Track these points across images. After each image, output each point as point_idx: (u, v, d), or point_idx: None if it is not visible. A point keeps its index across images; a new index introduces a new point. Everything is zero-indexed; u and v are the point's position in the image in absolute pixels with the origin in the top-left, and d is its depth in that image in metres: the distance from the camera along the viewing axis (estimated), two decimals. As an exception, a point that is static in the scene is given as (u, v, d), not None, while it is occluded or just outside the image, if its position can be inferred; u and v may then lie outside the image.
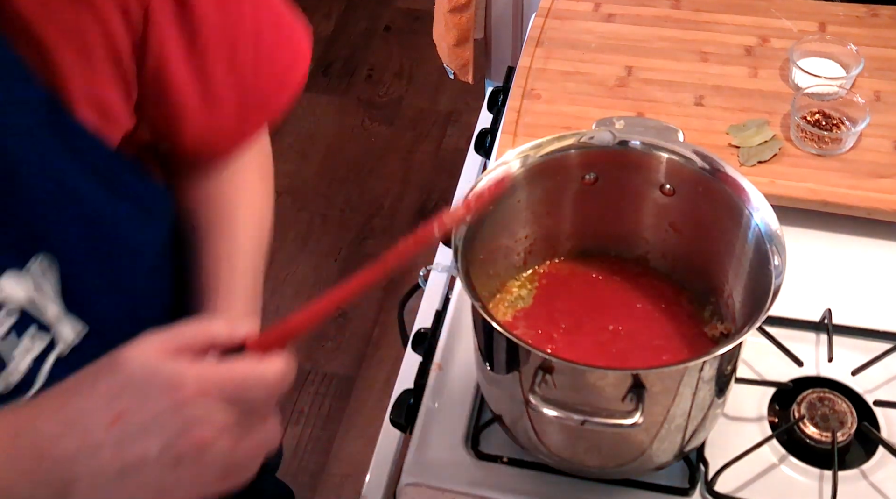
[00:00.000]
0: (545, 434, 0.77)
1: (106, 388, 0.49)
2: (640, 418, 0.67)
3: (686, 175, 0.82)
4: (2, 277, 0.57)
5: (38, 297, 0.60)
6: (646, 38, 1.26)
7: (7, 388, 0.58)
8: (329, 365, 2.04)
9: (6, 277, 0.57)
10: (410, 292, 1.05)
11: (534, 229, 0.88)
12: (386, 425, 0.92)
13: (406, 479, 0.84)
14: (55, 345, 0.61)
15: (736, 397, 0.87)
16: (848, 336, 0.93)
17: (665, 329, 0.85)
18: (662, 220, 0.87)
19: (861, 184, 1.04)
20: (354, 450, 1.89)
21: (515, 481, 0.83)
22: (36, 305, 0.60)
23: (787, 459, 0.84)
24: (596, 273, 0.90)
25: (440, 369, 0.92)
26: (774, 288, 0.71)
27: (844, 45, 1.17)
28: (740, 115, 1.13)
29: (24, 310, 0.59)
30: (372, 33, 2.91)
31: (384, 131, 2.59)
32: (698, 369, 0.69)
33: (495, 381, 0.78)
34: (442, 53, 1.83)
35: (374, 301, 2.14)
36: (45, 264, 0.60)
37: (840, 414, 0.85)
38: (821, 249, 1.03)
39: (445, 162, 2.48)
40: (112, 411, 0.48)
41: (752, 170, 1.06)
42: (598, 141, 0.83)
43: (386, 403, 0.92)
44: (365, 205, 2.38)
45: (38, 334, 0.60)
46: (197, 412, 0.48)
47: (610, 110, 1.14)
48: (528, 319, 0.86)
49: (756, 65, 1.21)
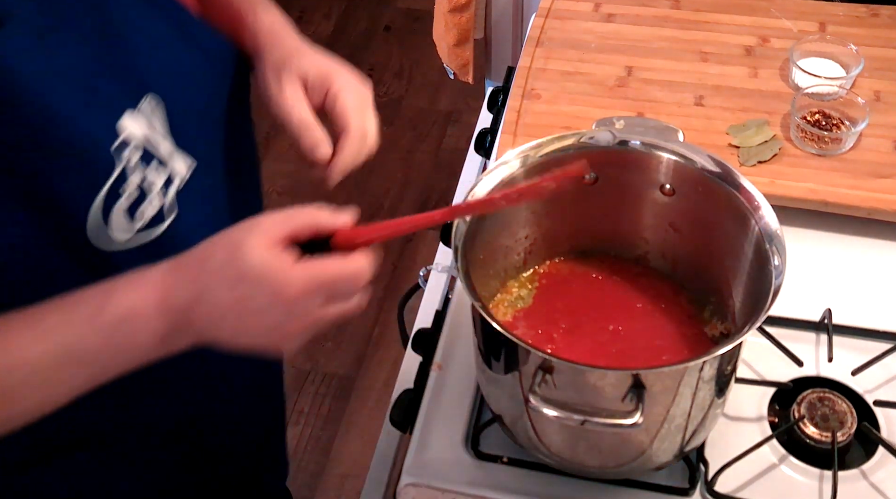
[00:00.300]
0: (545, 434, 0.77)
1: (229, 274, 0.60)
2: (640, 418, 0.67)
3: (686, 175, 0.82)
4: (122, 117, 0.65)
5: (152, 134, 0.67)
6: (646, 38, 1.26)
7: (145, 222, 0.67)
8: (329, 365, 2.04)
9: (125, 117, 0.65)
10: (410, 292, 1.05)
11: (534, 229, 0.88)
12: (386, 425, 0.92)
13: (406, 479, 0.84)
14: (173, 179, 0.69)
15: (736, 397, 0.87)
16: (848, 336, 0.93)
17: (665, 329, 0.85)
18: (662, 220, 0.87)
19: (861, 184, 1.04)
20: (354, 450, 1.89)
21: (515, 481, 0.83)
22: (152, 141, 0.67)
23: (787, 459, 0.84)
24: (596, 273, 0.90)
25: (440, 369, 0.92)
26: (774, 288, 0.71)
27: (844, 45, 1.17)
28: (740, 115, 1.13)
29: (145, 146, 0.66)
30: (372, 33, 2.91)
31: (384, 131, 2.58)
32: (698, 369, 0.69)
33: (495, 381, 0.78)
34: (442, 53, 1.83)
35: (374, 301, 2.14)
36: (153, 104, 0.68)
37: (840, 414, 0.85)
38: (821, 249, 1.03)
39: (445, 162, 2.49)
40: (233, 294, 0.60)
41: (752, 170, 1.06)
42: (598, 141, 0.83)
43: (386, 403, 0.92)
44: (365, 205, 2.38)
45: (159, 168, 0.68)
46: (298, 308, 0.61)
47: (610, 110, 1.14)
48: (528, 319, 0.86)
49: (756, 65, 1.21)
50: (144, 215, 0.66)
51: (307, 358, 2.04)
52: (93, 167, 0.63)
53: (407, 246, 2.28)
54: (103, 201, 0.63)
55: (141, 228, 0.66)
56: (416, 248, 2.28)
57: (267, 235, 0.61)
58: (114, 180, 0.64)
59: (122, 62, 0.66)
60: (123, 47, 0.67)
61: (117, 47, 0.66)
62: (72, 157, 0.62)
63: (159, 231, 0.68)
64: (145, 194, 0.66)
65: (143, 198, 0.66)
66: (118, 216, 0.65)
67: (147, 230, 0.67)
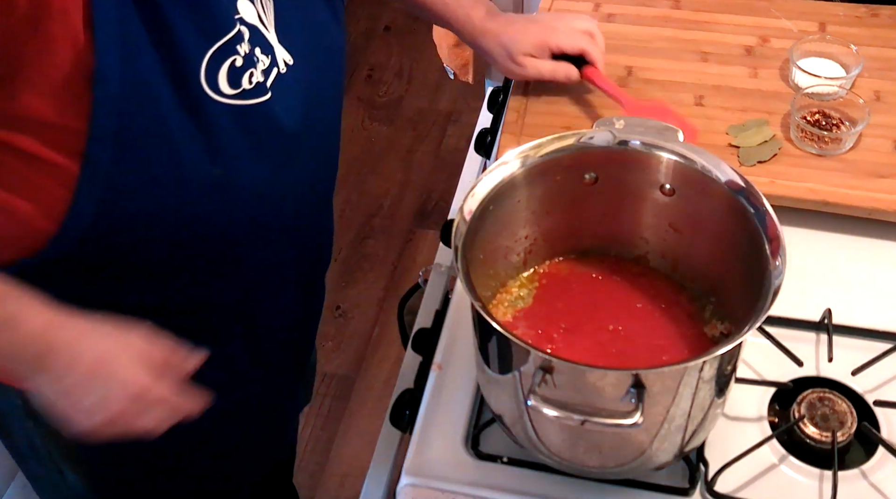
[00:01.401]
0: (545, 434, 0.77)
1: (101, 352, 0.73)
2: (640, 418, 0.67)
3: (686, 175, 0.82)
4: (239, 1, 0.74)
5: (261, 24, 0.76)
6: (646, 38, 1.26)
7: (248, 88, 0.75)
8: (329, 365, 2.04)
9: (240, 2, 0.74)
10: (410, 292, 1.05)
11: (534, 229, 0.88)
12: (386, 425, 0.92)
13: (406, 479, 0.84)
14: (275, 63, 0.77)
15: (736, 397, 0.87)
16: (848, 336, 0.93)
17: (665, 329, 0.85)
18: (662, 220, 0.87)
19: (861, 184, 1.04)
20: (354, 450, 1.89)
21: (515, 481, 0.83)
22: (261, 28, 0.76)
23: (787, 459, 0.84)
24: (596, 273, 0.90)
25: (440, 369, 0.92)
26: (774, 288, 0.71)
27: (844, 45, 1.17)
28: (740, 115, 1.13)
29: (256, 28, 0.75)
30: (372, 33, 2.91)
31: (384, 131, 2.60)
32: (698, 369, 0.69)
33: (495, 381, 0.78)
34: (442, 53, 1.83)
35: (374, 301, 2.14)
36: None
37: (840, 414, 0.85)
38: (821, 249, 1.03)
39: (445, 162, 2.49)
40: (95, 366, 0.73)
41: (752, 170, 1.06)
42: (598, 141, 0.83)
43: (386, 403, 0.92)
44: (365, 205, 2.38)
45: (263, 54, 0.76)
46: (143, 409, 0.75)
47: (610, 110, 1.14)
48: (528, 319, 0.86)
49: (756, 65, 1.21)
50: (250, 79, 0.75)
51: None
52: (213, 22, 0.71)
53: (407, 246, 2.28)
54: (216, 57, 0.71)
55: (247, 90, 0.74)
56: (416, 248, 2.28)
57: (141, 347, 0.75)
58: (228, 41, 0.72)
59: None
60: None
61: None
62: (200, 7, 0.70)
63: (259, 100, 0.76)
64: (253, 64, 0.75)
65: (250, 66, 0.74)
66: (224, 75, 0.72)
67: (248, 97, 0.75)
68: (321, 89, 0.86)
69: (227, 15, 0.72)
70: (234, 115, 0.74)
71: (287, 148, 0.81)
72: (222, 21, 0.72)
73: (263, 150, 0.79)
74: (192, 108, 0.71)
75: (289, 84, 0.79)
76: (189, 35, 0.69)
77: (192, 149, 0.72)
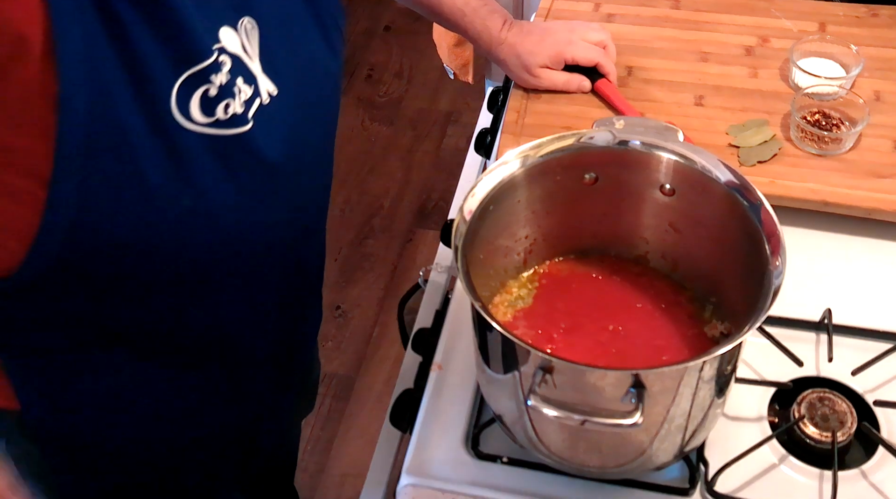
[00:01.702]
0: (545, 434, 0.77)
1: None
2: (640, 418, 0.67)
3: (686, 175, 0.82)
4: (221, 28, 0.72)
5: (245, 52, 0.74)
6: (646, 38, 1.26)
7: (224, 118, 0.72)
8: (329, 365, 2.04)
9: (224, 29, 0.72)
10: (410, 292, 1.05)
11: (534, 229, 0.88)
12: (386, 425, 0.92)
13: (406, 479, 0.84)
14: (258, 94, 0.75)
15: (736, 397, 0.87)
16: (848, 336, 0.93)
17: (665, 329, 0.85)
18: (662, 220, 0.87)
19: (861, 184, 1.04)
20: (354, 450, 1.89)
21: (515, 481, 0.84)
22: (244, 58, 0.74)
23: (787, 459, 0.84)
24: (596, 273, 0.90)
25: (440, 369, 0.93)
26: (774, 288, 0.71)
27: (844, 45, 1.17)
28: (740, 115, 1.13)
29: (238, 58, 0.73)
30: (372, 33, 2.92)
31: (384, 131, 2.60)
32: (698, 369, 0.69)
33: (495, 381, 0.78)
34: (442, 53, 1.83)
35: (374, 301, 2.14)
36: (250, 26, 0.75)
37: (840, 414, 0.85)
38: (821, 249, 1.03)
39: (445, 162, 2.49)
40: None
41: (752, 170, 1.06)
42: (598, 141, 0.83)
43: (386, 403, 0.92)
44: (365, 205, 2.39)
45: (246, 83, 0.74)
46: None
47: (610, 110, 1.15)
48: (528, 319, 0.86)
49: (756, 65, 1.21)
50: (223, 113, 0.72)
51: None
52: (186, 49, 0.69)
53: (407, 246, 2.28)
54: (189, 84, 0.69)
55: (221, 120, 0.72)
56: (416, 248, 2.28)
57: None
58: (203, 69, 0.70)
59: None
60: None
61: None
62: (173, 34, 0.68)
63: (237, 131, 0.74)
64: (230, 95, 0.72)
65: (226, 96, 0.72)
66: (197, 103, 0.70)
67: (224, 127, 0.72)
68: (309, 120, 0.84)
69: (202, 43, 0.70)
70: (207, 145, 0.72)
71: (268, 179, 0.79)
72: (197, 49, 0.70)
73: (241, 180, 0.77)
74: (162, 134, 0.69)
75: (273, 115, 0.77)
76: (159, 60, 0.67)
77: (162, 176, 0.70)
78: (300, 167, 0.83)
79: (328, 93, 0.89)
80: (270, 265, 0.88)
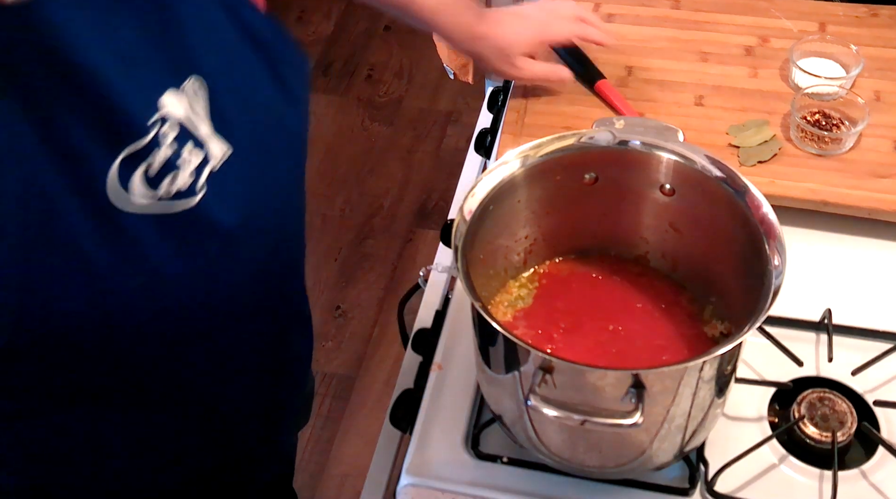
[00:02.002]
0: (545, 434, 0.77)
1: None
2: (640, 418, 0.67)
3: (686, 175, 0.82)
4: (164, 94, 0.67)
5: (192, 115, 0.70)
6: (646, 38, 1.26)
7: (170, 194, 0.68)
8: (329, 365, 2.04)
9: (167, 94, 0.68)
10: (410, 292, 1.05)
11: (534, 229, 0.88)
12: (386, 425, 0.92)
13: (406, 479, 0.84)
14: (208, 160, 0.71)
15: (736, 397, 0.87)
16: (848, 336, 0.93)
17: (665, 329, 0.85)
18: (662, 220, 0.87)
19: (861, 184, 1.04)
20: (354, 450, 1.89)
21: (515, 481, 0.84)
22: (191, 121, 0.70)
23: (787, 459, 0.84)
24: (596, 273, 0.90)
25: (440, 369, 0.92)
26: (774, 288, 0.71)
27: (844, 45, 1.17)
28: (740, 115, 1.13)
29: (183, 125, 0.69)
30: (372, 33, 2.91)
31: (384, 131, 2.60)
32: (698, 369, 0.69)
33: (495, 381, 0.78)
34: (442, 53, 1.82)
35: (374, 301, 2.14)
36: (196, 86, 0.70)
37: (840, 414, 0.85)
38: (821, 249, 1.03)
39: (445, 162, 2.49)
40: None
41: (752, 170, 1.06)
42: (598, 141, 0.83)
43: (386, 403, 0.92)
44: (365, 205, 2.39)
45: (195, 149, 0.70)
46: None
47: (610, 110, 1.15)
48: (528, 319, 0.86)
49: (756, 65, 1.21)
50: (169, 188, 0.68)
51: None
52: (121, 128, 0.65)
53: (407, 246, 2.28)
54: (127, 163, 0.66)
55: (164, 198, 0.68)
56: (416, 248, 2.28)
57: None
58: (142, 148, 0.66)
59: (171, 40, 0.69)
60: (175, 26, 0.69)
61: (169, 24, 0.69)
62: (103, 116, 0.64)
63: (185, 206, 0.70)
64: (175, 168, 0.68)
65: (171, 170, 0.68)
66: (139, 182, 0.67)
67: (170, 201, 0.69)
68: (270, 178, 0.80)
69: (138, 119, 0.66)
70: (153, 223, 0.68)
71: (226, 246, 0.75)
72: (132, 126, 0.66)
73: (194, 252, 0.73)
74: (103, 218, 0.66)
75: (226, 179, 0.72)
76: (90, 144, 0.64)
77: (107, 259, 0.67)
78: (263, 226, 0.79)
79: (293, 148, 0.85)
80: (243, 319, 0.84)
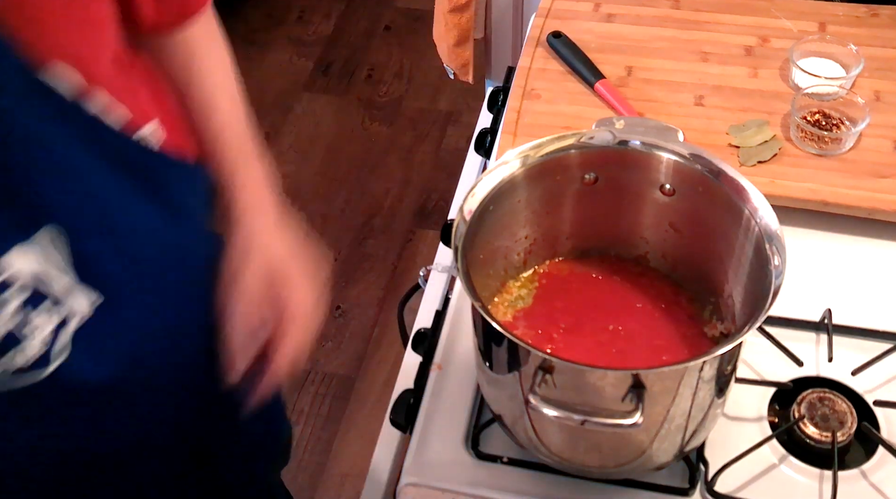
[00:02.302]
0: (545, 434, 0.77)
1: None
2: (640, 418, 0.67)
3: (686, 175, 0.82)
4: (9, 252, 0.58)
5: (48, 268, 0.61)
6: (646, 38, 1.26)
7: (26, 363, 0.61)
8: (329, 365, 2.04)
9: (13, 252, 0.59)
10: (410, 292, 1.05)
11: (534, 229, 0.88)
12: (386, 425, 0.92)
13: (406, 479, 0.84)
14: (69, 320, 0.63)
15: (736, 397, 0.87)
16: (848, 336, 0.93)
17: (665, 329, 0.85)
18: (662, 220, 0.87)
19: (861, 184, 1.04)
20: (354, 450, 1.89)
21: (515, 481, 0.84)
22: (46, 277, 0.61)
23: (787, 459, 0.84)
24: (596, 273, 0.90)
25: (440, 369, 0.92)
26: (774, 288, 0.71)
27: (844, 45, 1.17)
28: (740, 115, 1.13)
29: (35, 283, 0.60)
30: (372, 33, 2.91)
31: (384, 131, 2.59)
32: (698, 369, 0.69)
33: (495, 381, 0.78)
34: (442, 53, 1.83)
35: (374, 301, 2.14)
36: (52, 235, 0.61)
37: (840, 414, 0.85)
38: (821, 249, 1.03)
39: (445, 162, 2.49)
40: None
41: (752, 170, 1.06)
42: (598, 141, 0.83)
43: (386, 403, 0.92)
44: (365, 205, 2.38)
45: (51, 310, 0.62)
46: None
47: (610, 110, 1.15)
48: (528, 319, 0.86)
49: (756, 65, 1.21)
50: (15, 361, 0.61)
51: (307, 358, 2.04)
52: None
53: (407, 246, 2.28)
54: None
55: (12, 371, 0.61)
56: (416, 248, 2.28)
57: None
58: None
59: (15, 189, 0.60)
60: (21, 172, 0.59)
61: (13, 173, 0.59)
62: None
63: (34, 379, 0.63)
64: (18, 341, 0.61)
65: (15, 344, 0.61)
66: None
67: (22, 374, 0.62)
68: (158, 319, 0.72)
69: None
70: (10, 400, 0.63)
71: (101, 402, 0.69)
72: None
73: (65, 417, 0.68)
74: None
75: (97, 332, 0.65)
76: None
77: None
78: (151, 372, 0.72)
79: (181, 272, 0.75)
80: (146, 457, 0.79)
